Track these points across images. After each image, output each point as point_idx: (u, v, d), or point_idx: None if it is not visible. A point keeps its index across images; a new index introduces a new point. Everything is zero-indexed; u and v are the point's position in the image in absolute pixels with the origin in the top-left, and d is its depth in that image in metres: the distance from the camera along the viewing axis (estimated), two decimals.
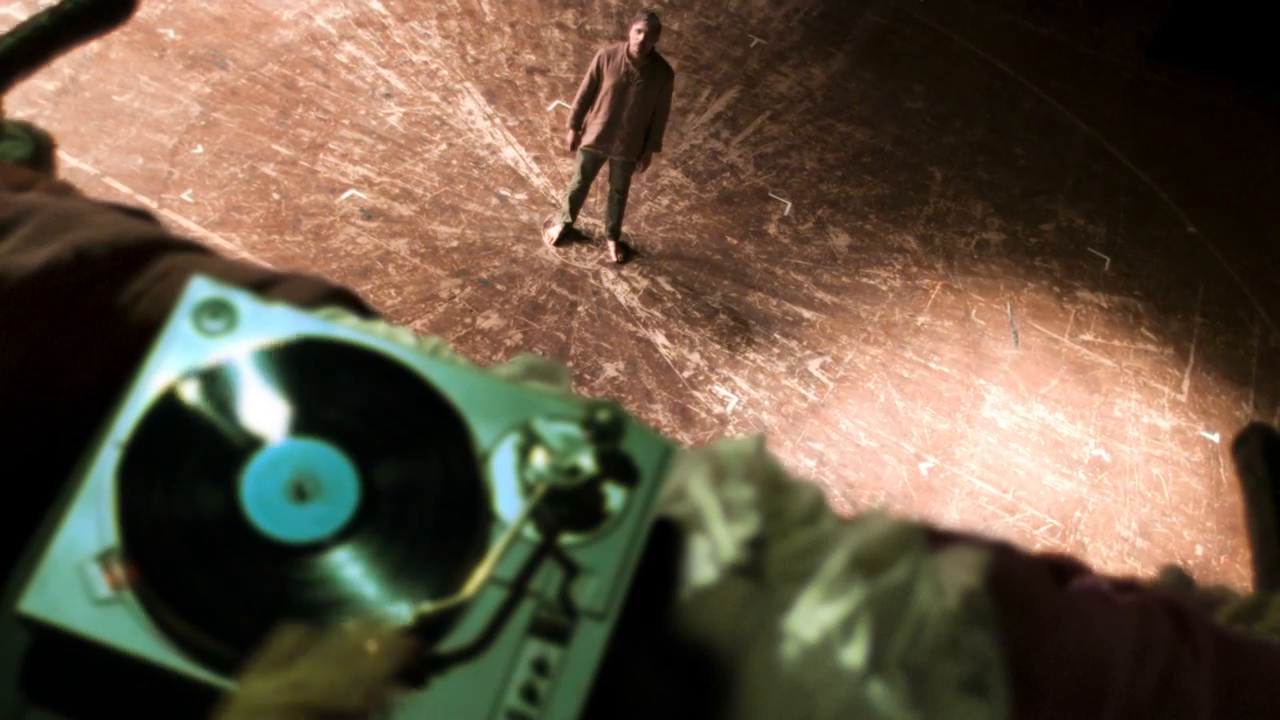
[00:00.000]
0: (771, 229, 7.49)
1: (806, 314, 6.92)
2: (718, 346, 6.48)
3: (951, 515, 6.04)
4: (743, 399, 6.23)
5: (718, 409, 6.13)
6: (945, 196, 8.48)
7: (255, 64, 7.19)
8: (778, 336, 6.70)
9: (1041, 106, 9.84)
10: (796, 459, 6.03)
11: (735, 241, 7.27)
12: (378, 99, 7.30)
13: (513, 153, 7.27)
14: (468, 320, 6.06)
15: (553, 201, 7.01)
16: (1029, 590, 0.74)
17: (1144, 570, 6.18)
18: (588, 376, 6.00)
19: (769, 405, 6.25)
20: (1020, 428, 6.74)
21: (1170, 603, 0.77)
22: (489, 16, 8.44)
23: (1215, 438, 7.19)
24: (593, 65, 6.11)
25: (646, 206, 7.23)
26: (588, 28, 8.79)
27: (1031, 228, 8.51)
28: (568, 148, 6.40)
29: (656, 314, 6.53)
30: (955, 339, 7.19)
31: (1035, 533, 6.12)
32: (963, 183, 8.68)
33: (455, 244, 6.48)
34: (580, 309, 6.35)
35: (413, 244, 6.37)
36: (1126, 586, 0.81)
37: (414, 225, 6.49)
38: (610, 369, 6.10)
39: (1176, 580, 0.97)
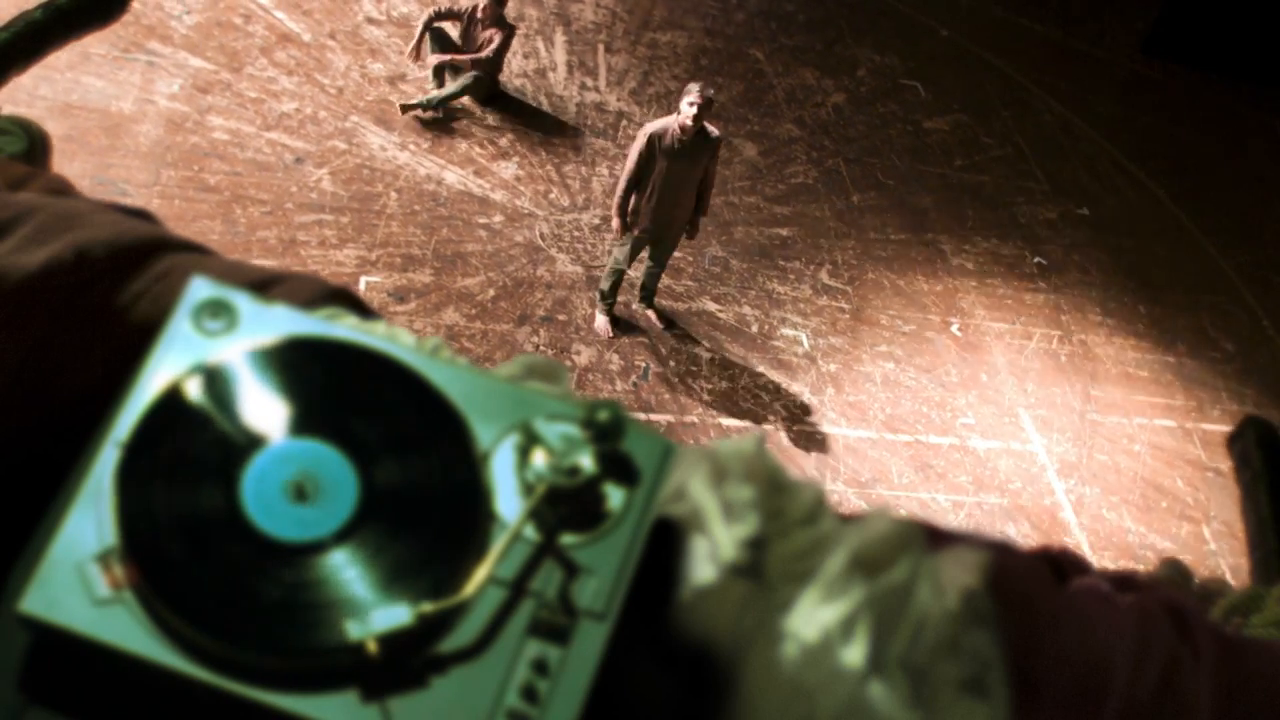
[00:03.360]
0: None
1: (784, 231, 7.39)
2: (753, 293, 6.84)
3: (999, 362, 6.95)
4: (807, 331, 6.69)
5: (799, 349, 6.56)
6: (779, 74, 9.04)
7: (150, 179, 6.29)
8: (782, 262, 7.14)
9: None
10: (878, 366, 6.64)
11: None
12: (293, 168, 6.66)
13: (453, 176, 6.96)
14: (568, 363, 6.00)
15: (526, 211, 6.86)
16: (1029, 590, 0.73)
17: (1122, 328, 7.47)
18: (694, 369, 6.20)
19: (826, 329, 6.76)
20: (980, 263, 7.71)
21: (1170, 603, 0.77)
22: (305, 35, 7.74)
23: (1085, 211, 8.57)
24: (641, 145, 5.70)
25: (595, 182, 7.24)
26: (394, 13, 8.27)
27: (853, 76, 9.31)
28: (617, 234, 5.96)
29: (690, 284, 6.74)
30: (887, 206, 7.95)
31: (1052, 347, 7.20)
32: (783, 55, 9.26)
33: (492, 292, 6.27)
34: (633, 306, 6.44)
35: (460, 308, 6.11)
36: (1127, 585, 0.81)
37: (444, 289, 6.19)
38: (702, 353, 6.32)
39: (1174, 573, 0.95)
